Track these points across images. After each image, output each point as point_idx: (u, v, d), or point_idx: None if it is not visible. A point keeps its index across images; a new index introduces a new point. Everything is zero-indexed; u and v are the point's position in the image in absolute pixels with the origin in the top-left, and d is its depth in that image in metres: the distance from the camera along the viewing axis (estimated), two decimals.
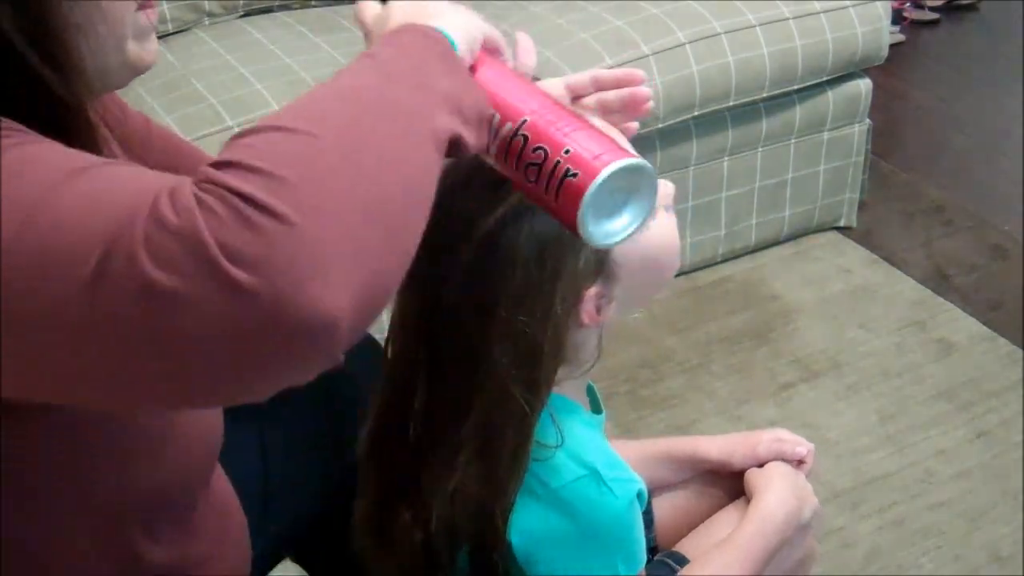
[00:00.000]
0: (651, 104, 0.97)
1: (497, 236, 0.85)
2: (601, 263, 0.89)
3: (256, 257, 0.52)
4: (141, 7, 0.77)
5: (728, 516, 1.11)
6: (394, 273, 0.59)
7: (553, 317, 0.86)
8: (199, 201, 0.54)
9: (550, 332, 0.87)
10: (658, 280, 0.98)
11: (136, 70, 0.78)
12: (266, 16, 2.23)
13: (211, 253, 0.52)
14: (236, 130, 2.11)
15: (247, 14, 2.24)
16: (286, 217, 0.53)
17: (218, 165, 0.56)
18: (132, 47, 0.76)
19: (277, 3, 2.27)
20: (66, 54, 0.68)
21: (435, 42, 0.72)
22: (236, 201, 0.53)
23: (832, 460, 1.89)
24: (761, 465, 1.14)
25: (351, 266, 0.54)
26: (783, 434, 1.18)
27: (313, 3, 2.30)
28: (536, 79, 0.88)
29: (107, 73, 0.75)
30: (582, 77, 0.95)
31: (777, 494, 1.10)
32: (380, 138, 0.60)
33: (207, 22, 2.19)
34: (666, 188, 0.95)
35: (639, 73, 0.96)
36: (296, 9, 2.28)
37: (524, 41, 0.90)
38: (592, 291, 0.89)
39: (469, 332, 0.88)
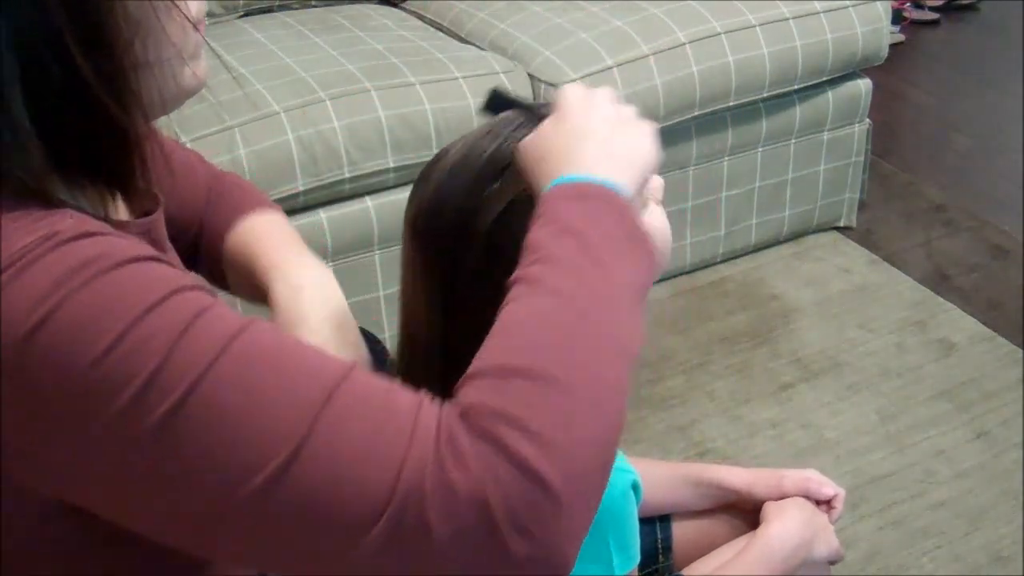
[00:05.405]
0: None
1: (501, 230, 0.85)
2: None
3: (531, 529, 0.58)
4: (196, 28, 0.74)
5: (739, 545, 1.10)
6: None
7: None
8: (481, 457, 0.59)
9: None
10: None
11: (190, 93, 0.75)
12: (266, 16, 2.23)
13: (494, 516, 0.58)
14: (236, 130, 2.07)
15: (247, 14, 2.24)
16: (555, 491, 0.58)
17: (486, 414, 0.60)
18: (186, 70, 0.73)
19: (277, 3, 2.27)
20: (135, 91, 0.66)
21: (620, 214, 0.71)
22: (514, 467, 0.58)
23: (832, 460, 1.89)
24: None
25: (588, 517, 0.61)
26: (811, 473, 1.17)
27: (313, 3, 2.30)
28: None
29: (164, 102, 0.72)
30: None
31: (787, 524, 1.09)
32: (607, 380, 0.63)
33: (207, 22, 2.19)
34: (657, 181, 0.96)
35: None
36: (296, 9, 2.28)
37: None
38: None
39: (484, 322, 0.88)
